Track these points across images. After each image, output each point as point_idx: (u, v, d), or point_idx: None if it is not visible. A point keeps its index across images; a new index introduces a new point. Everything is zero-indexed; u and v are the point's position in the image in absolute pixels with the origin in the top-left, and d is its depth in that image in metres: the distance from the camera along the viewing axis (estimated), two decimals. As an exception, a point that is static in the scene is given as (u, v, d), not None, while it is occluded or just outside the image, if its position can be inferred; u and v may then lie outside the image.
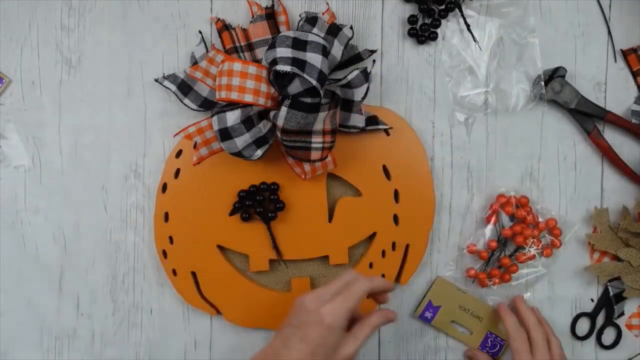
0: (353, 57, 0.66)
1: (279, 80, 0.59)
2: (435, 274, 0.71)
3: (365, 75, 0.62)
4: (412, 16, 0.68)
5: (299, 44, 0.59)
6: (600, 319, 0.73)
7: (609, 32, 0.71)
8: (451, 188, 0.71)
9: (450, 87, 0.69)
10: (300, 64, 0.58)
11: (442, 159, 0.71)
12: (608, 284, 0.72)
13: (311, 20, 0.64)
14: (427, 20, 0.68)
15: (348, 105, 0.65)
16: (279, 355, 0.56)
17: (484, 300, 0.71)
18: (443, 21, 0.69)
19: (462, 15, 0.68)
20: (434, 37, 0.68)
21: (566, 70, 0.69)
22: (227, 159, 0.64)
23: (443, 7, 0.68)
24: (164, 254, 0.68)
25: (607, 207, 0.72)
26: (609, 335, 0.73)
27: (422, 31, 0.68)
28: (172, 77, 0.67)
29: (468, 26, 0.68)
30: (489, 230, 0.70)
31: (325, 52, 0.60)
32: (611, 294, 0.72)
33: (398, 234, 0.69)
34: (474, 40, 0.68)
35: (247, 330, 0.70)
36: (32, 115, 0.68)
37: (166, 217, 0.68)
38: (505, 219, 0.70)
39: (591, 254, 0.72)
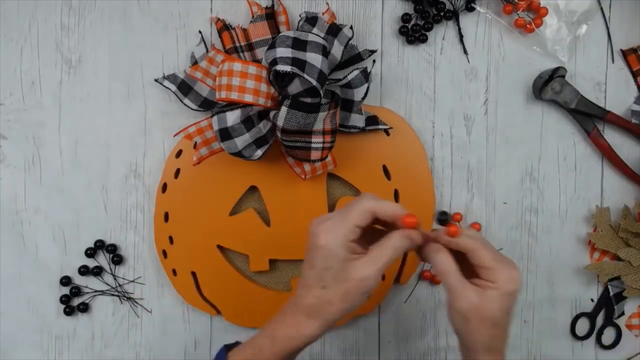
0: (353, 57, 0.66)
1: (279, 80, 0.59)
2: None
3: (365, 75, 0.63)
4: (405, 14, 0.68)
5: (299, 44, 0.59)
6: (600, 319, 0.73)
7: (609, 32, 0.71)
8: (451, 188, 0.71)
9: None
10: (300, 64, 0.58)
11: (442, 159, 0.70)
12: (608, 283, 0.72)
13: (311, 20, 0.64)
14: (420, 22, 0.68)
15: (348, 105, 0.65)
16: (299, 284, 0.53)
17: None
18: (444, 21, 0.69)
19: (458, 26, 0.68)
20: (423, 39, 0.68)
21: (566, 70, 0.69)
22: (227, 159, 0.64)
23: (436, 12, 0.68)
24: (164, 254, 0.68)
25: (608, 206, 0.71)
26: (609, 335, 0.73)
27: (413, 31, 0.68)
28: (172, 77, 0.67)
29: (461, 37, 0.68)
30: None
31: (325, 52, 0.60)
32: (611, 293, 0.72)
33: (398, 234, 0.68)
34: (465, 53, 0.69)
35: (247, 330, 0.70)
36: (32, 115, 0.68)
37: (166, 217, 0.68)
38: None
39: (591, 253, 0.72)
